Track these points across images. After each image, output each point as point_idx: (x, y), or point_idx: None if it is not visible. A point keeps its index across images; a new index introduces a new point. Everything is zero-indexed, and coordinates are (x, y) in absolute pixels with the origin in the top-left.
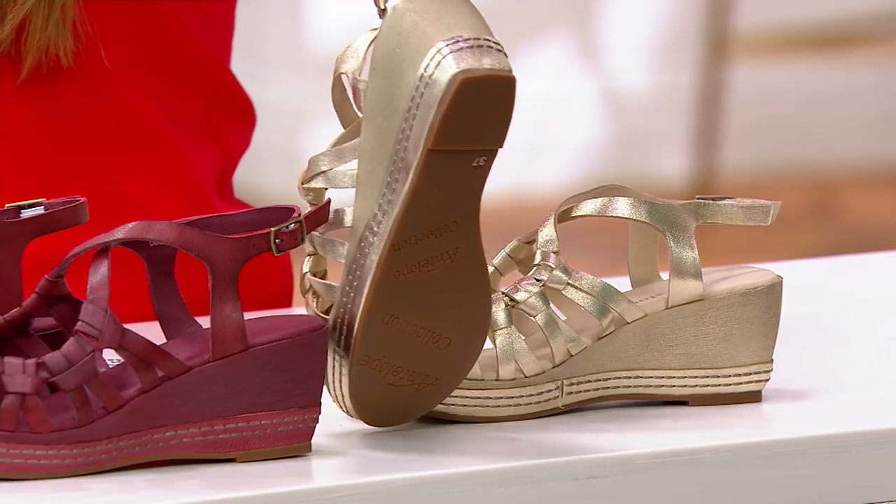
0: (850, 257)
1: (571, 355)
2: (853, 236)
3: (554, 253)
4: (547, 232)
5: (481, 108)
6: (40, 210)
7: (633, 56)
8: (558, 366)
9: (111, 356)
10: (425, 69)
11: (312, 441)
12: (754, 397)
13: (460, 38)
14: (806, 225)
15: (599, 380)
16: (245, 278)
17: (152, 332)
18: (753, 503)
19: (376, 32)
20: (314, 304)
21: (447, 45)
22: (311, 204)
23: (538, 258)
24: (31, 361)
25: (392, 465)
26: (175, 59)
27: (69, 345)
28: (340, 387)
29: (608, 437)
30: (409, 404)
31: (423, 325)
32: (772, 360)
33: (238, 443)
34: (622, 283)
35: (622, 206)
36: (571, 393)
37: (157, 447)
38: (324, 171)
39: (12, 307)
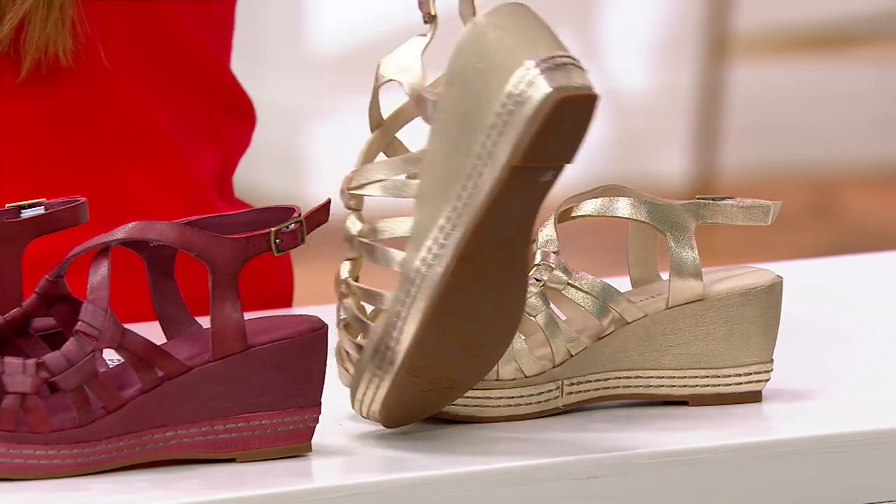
0: (850, 257)
1: (571, 355)
2: (853, 236)
3: (554, 253)
4: (547, 232)
5: (567, 126)
6: (40, 210)
7: (633, 56)
8: (558, 366)
9: (111, 356)
10: (515, 86)
11: (312, 441)
12: (754, 397)
13: (548, 56)
14: (806, 225)
15: (599, 380)
16: (245, 278)
17: (152, 332)
18: (753, 503)
19: (426, 39)
20: (353, 307)
21: (536, 64)
22: (353, 209)
23: (538, 258)
24: (32, 361)
25: (392, 465)
26: (175, 58)
27: (69, 345)
28: (375, 392)
29: (608, 437)
30: (429, 406)
31: (471, 335)
32: (772, 361)
33: (238, 443)
34: (622, 283)
35: (622, 206)
36: (571, 393)
37: (157, 447)
38: (380, 180)
39: (12, 307)
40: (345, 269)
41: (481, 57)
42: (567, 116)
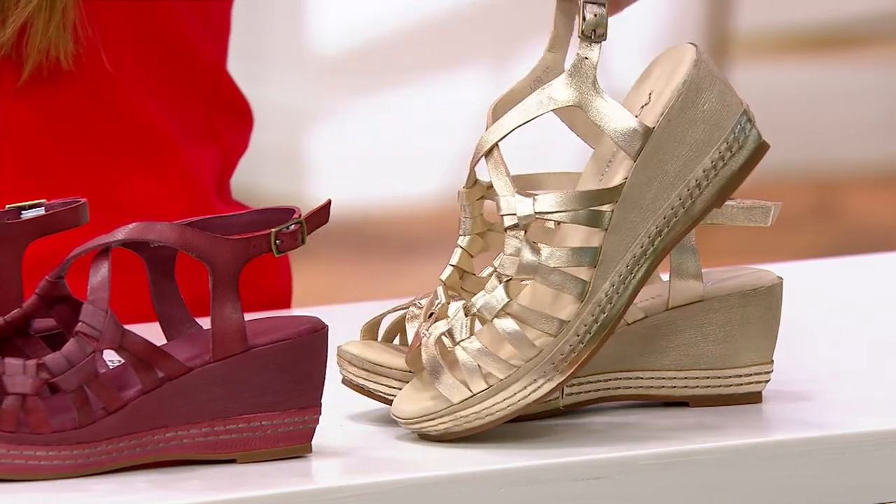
0: (850, 258)
1: None
2: (854, 236)
3: None
4: None
5: None
6: (41, 211)
7: (634, 56)
8: None
9: (112, 357)
10: (736, 134)
11: (313, 442)
12: (755, 398)
13: (747, 107)
14: (806, 225)
15: (600, 380)
16: (243, 280)
17: (152, 332)
18: (753, 503)
19: (592, 66)
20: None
21: (744, 112)
22: (521, 229)
23: None
24: (32, 362)
25: (393, 466)
26: (174, 60)
27: (70, 346)
28: (503, 409)
29: (609, 437)
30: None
31: None
32: (772, 361)
33: (238, 443)
34: None
35: None
36: (572, 394)
37: (157, 448)
38: (575, 210)
39: (13, 308)
40: (502, 291)
41: (704, 99)
42: None
